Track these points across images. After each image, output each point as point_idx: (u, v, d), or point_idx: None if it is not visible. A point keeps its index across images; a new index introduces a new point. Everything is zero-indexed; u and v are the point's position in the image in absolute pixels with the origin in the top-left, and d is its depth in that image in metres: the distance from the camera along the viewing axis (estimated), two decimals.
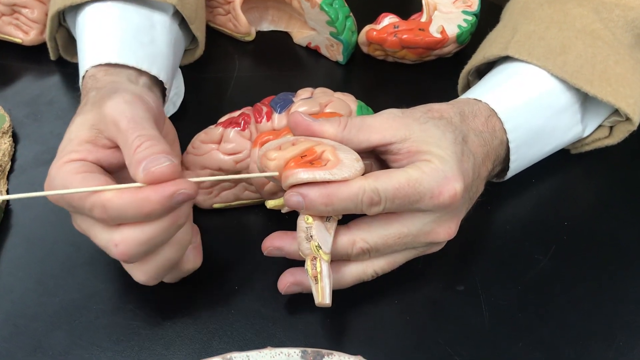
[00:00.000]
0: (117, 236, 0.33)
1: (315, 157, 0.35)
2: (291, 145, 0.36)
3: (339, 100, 0.43)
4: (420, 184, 0.35)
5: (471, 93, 0.44)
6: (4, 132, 0.49)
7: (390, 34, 0.54)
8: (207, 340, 0.39)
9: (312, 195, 0.34)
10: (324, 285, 0.35)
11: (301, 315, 0.40)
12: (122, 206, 0.32)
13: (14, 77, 0.55)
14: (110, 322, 0.39)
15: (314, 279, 0.36)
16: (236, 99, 0.54)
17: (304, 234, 0.36)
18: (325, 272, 0.35)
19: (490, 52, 0.45)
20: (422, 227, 0.37)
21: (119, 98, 0.35)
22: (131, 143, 0.33)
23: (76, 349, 0.38)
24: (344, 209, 0.35)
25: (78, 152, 0.35)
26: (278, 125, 0.41)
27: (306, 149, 0.35)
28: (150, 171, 0.31)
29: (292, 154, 0.35)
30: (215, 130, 0.43)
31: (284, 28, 0.60)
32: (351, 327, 0.39)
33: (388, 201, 0.35)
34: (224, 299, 0.41)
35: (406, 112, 0.39)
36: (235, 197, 0.44)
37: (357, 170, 0.35)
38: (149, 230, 0.33)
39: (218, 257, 0.43)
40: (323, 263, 0.35)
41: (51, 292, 0.40)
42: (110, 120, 0.35)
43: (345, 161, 0.35)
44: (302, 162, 0.35)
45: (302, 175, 0.34)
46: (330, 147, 0.36)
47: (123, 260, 0.34)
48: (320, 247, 0.35)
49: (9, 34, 0.56)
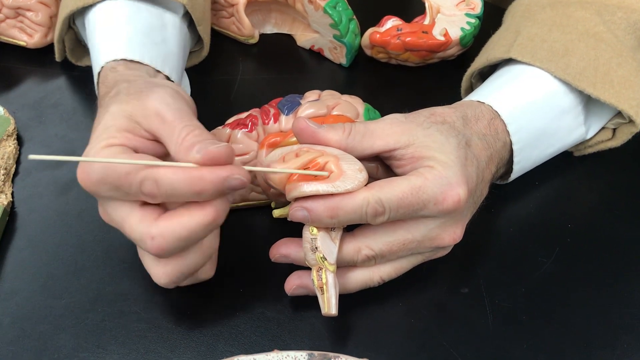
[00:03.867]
0: (154, 229, 0.32)
1: (318, 168, 0.35)
2: (295, 157, 0.36)
3: (346, 102, 0.43)
4: (423, 191, 0.35)
5: (474, 95, 0.44)
6: (9, 134, 0.49)
7: (393, 36, 0.54)
8: (213, 343, 0.39)
9: (317, 209, 0.34)
10: (329, 295, 0.36)
11: (306, 317, 0.40)
12: (176, 182, 0.31)
13: (18, 80, 0.55)
14: (115, 325, 0.39)
15: (320, 289, 0.36)
16: (240, 101, 0.54)
17: (309, 245, 0.36)
18: (331, 283, 0.36)
19: (493, 54, 0.46)
20: (427, 233, 0.37)
21: (163, 92, 0.35)
22: (179, 132, 0.33)
23: (82, 352, 0.38)
24: (349, 220, 0.35)
25: (117, 138, 0.34)
26: (285, 127, 0.42)
27: (309, 160, 0.36)
28: (208, 150, 0.31)
29: (296, 166, 0.35)
30: (223, 131, 0.43)
31: (287, 31, 0.60)
32: (356, 330, 0.40)
33: (392, 211, 0.35)
34: (228, 302, 0.41)
35: (409, 117, 0.39)
36: (242, 198, 0.44)
37: (360, 182, 0.35)
38: (188, 224, 0.32)
39: (223, 259, 0.43)
40: (329, 274, 0.36)
41: (57, 295, 0.41)
42: (153, 112, 0.34)
43: (348, 172, 0.35)
44: (306, 175, 0.35)
45: (305, 188, 0.34)
46: (334, 157, 0.36)
47: (157, 255, 0.33)
48: (325, 258, 0.36)
49: (14, 37, 0.56)
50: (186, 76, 0.53)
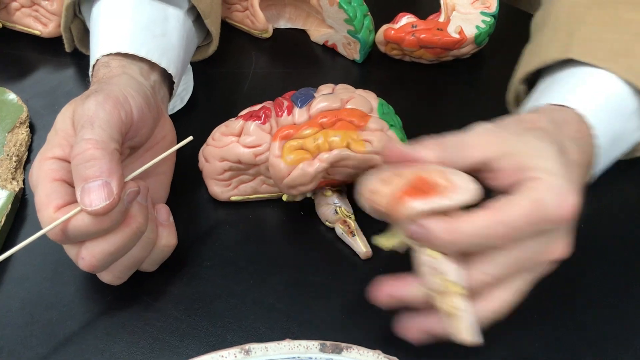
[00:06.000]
0: (83, 251, 0.35)
1: (426, 184, 0.32)
2: (396, 177, 0.33)
3: (360, 97, 0.43)
4: (544, 206, 0.32)
5: (544, 99, 0.41)
6: (22, 122, 0.49)
7: (408, 33, 0.54)
8: (221, 334, 0.38)
9: (436, 229, 0.31)
10: (467, 322, 0.32)
11: (316, 310, 0.40)
12: (84, 227, 0.34)
13: (32, 69, 0.56)
14: (124, 313, 0.39)
15: (451, 316, 0.32)
16: (253, 95, 0.54)
17: (429, 269, 0.32)
18: (465, 307, 0.32)
19: (549, 55, 0.43)
20: (541, 248, 0.34)
21: (92, 99, 0.37)
22: (74, 152, 0.35)
23: (90, 339, 0.38)
24: (469, 245, 0.32)
25: (61, 146, 0.36)
26: (298, 119, 0.41)
27: (416, 177, 0.32)
28: (92, 210, 0.33)
29: (401, 185, 0.32)
30: (236, 122, 0.43)
31: (301, 26, 0.60)
32: (367, 323, 0.39)
33: (517, 231, 0.32)
34: (238, 293, 0.40)
35: (499, 125, 0.36)
36: (253, 191, 0.44)
37: (474, 192, 0.32)
38: (114, 240, 0.35)
39: (234, 251, 0.43)
40: (459, 298, 0.32)
41: (66, 282, 0.41)
42: (77, 119, 0.37)
43: (460, 184, 0.32)
44: (415, 191, 0.32)
45: (418, 205, 0.31)
46: (439, 171, 0.32)
47: (91, 272, 0.36)
48: (453, 281, 0.32)
49: (28, 26, 0.57)
50: (191, 71, 0.53)
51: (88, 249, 0.35)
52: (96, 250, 0.35)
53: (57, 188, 0.35)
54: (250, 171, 0.43)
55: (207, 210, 0.45)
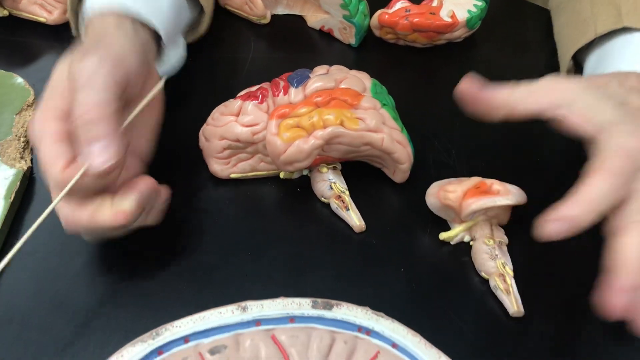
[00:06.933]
0: None
1: (485, 188, 0.41)
2: (458, 183, 0.42)
3: (353, 77, 0.44)
4: (627, 148, 0.34)
5: (605, 68, 0.44)
6: (29, 105, 0.51)
7: (401, 17, 0.55)
8: (221, 302, 0.40)
9: (570, 211, 0.33)
10: (517, 297, 0.40)
11: (311, 282, 0.42)
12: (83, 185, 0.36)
13: (38, 55, 0.57)
14: (131, 283, 0.41)
15: (506, 291, 0.40)
16: (251, 78, 0.55)
17: (488, 255, 0.41)
18: (515, 286, 0.40)
19: (602, 27, 0.46)
20: None
21: (92, 58, 0.37)
22: (77, 113, 0.36)
23: (97, 307, 0.40)
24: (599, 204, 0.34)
25: (61, 102, 0.37)
26: (294, 99, 0.43)
27: (479, 182, 0.42)
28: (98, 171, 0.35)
29: (468, 186, 0.41)
30: (234, 103, 0.44)
31: (298, 12, 0.62)
32: (357, 287, 0.41)
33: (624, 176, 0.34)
34: (237, 265, 0.42)
35: (568, 78, 0.39)
36: (252, 168, 0.46)
37: (523, 196, 0.41)
38: None
39: (233, 225, 0.44)
40: (512, 278, 0.41)
41: (73, 254, 0.42)
42: (76, 76, 0.37)
43: (511, 189, 0.41)
44: (479, 192, 0.40)
45: (483, 201, 0.40)
46: (497, 181, 0.41)
47: None
48: (506, 264, 0.41)
49: (34, 13, 0.58)
50: (182, 39, 0.53)
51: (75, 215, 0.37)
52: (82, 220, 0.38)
53: (61, 149, 0.36)
54: (248, 149, 0.45)
55: (207, 188, 0.47)
